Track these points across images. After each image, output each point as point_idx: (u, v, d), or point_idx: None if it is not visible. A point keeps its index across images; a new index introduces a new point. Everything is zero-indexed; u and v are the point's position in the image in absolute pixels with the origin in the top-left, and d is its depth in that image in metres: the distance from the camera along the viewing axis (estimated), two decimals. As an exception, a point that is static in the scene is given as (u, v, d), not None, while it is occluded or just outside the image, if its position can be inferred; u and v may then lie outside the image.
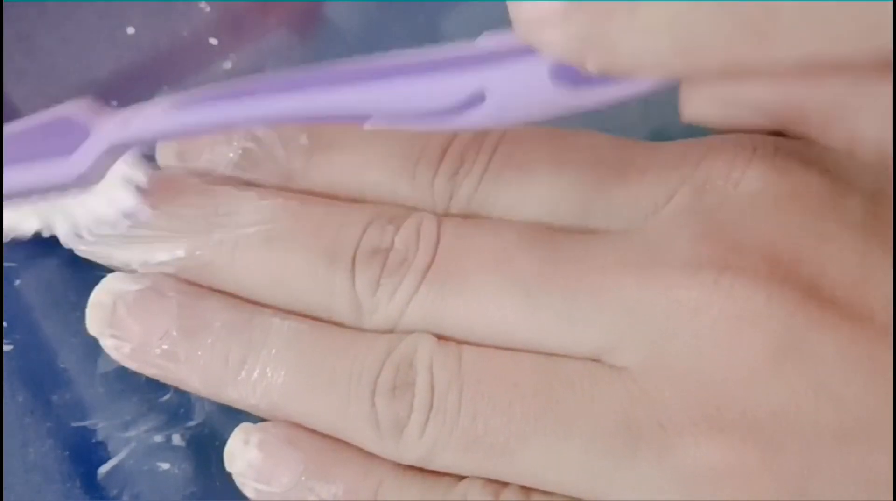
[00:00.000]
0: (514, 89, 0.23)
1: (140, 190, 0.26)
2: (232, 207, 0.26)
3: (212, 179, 0.28)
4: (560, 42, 0.20)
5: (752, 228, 0.25)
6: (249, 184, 0.27)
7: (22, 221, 0.27)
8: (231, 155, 0.27)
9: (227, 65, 0.32)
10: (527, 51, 0.22)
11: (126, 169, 0.26)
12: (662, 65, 0.20)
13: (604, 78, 0.21)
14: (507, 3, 0.21)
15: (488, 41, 0.23)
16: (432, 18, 0.33)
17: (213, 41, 0.32)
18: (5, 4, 0.32)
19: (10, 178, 0.25)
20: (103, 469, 0.27)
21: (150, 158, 0.28)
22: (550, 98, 0.22)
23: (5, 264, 0.29)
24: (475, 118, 0.23)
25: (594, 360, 0.25)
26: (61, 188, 0.25)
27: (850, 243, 0.24)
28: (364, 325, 0.26)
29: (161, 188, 0.27)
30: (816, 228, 0.24)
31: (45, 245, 0.27)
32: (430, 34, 0.32)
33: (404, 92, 0.23)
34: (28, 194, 0.26)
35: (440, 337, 0.25)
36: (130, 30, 0.32)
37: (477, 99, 0.23)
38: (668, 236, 0.25)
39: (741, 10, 0.18)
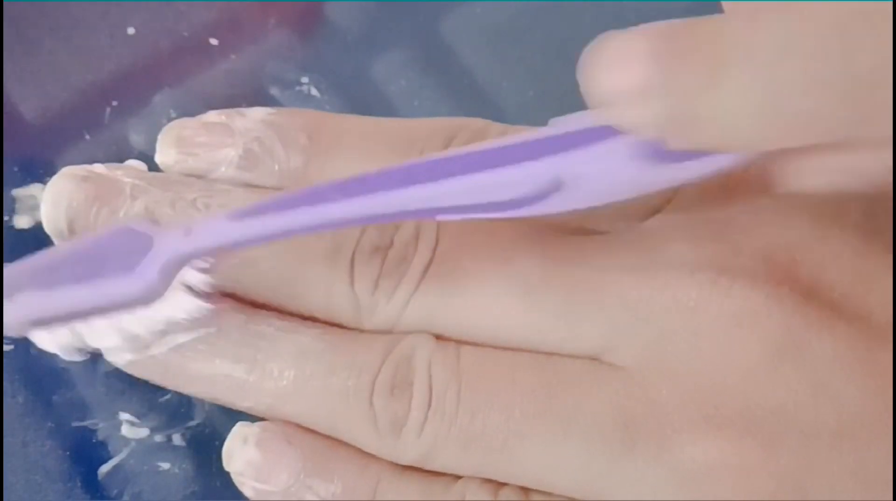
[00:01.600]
0: (591, 173, 0.22)
1: (199, 295, 0.25)
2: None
3: (213, 179, 0.28)
4: (642, 120, 0.20)
5: (751, 229, 0.25)
6: (249, 184, 0.27)
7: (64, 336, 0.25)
8: (232, 154, 0.27)
9: (227, 65, 0.32)
10: (601, 132, 0.21)
11: (186, 275, 0.25)
12: (752, 142, 0.20)
13: (686, 155, 0.21)
14: (581, 77, 0.21)
15: (560, 124, 0.23)
16: (432, 18, 0.33)
17: (213, 41, 0.32)
18: (5, 4, 0.32)
19: (70, 297, 0.24)
20: (103, 469, 0.27)
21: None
22: (629, 178, 0.22)
23: (5, 264, 0.29)
24: (552, 205, 0.23)
25: (593, 359, 0.25)
26: (123, 305, 0.24)
27: (848, 244, 0.24)
28: (363, 325, 0.26)
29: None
30: (816, 229, 0.24)
31: (44, 245, 0.27)
32: (430, 34, 0.32)
33: (476, 186, 0.23)
34: (89, 313, 0.25)
35: (439, 336, 0.25)
36: (130, 30, 0.32)
37: (553, 187, 0.22)
38: (667, 237, 0.25)
39: (841, 88, 0.18)
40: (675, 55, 0.19)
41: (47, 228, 0.27)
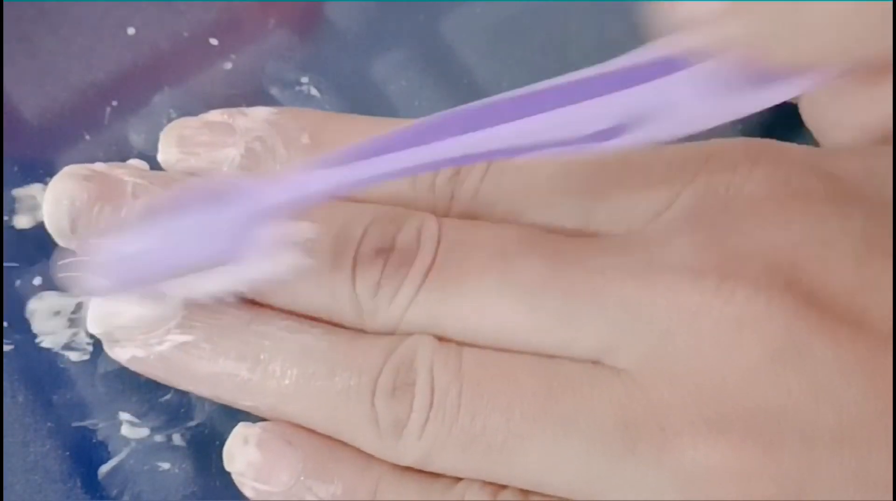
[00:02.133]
0: (662, 105, 0.22)
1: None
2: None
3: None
4: (733, 37, 0.20)
5: (754, 234, 0.25)
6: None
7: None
8: (234, 154, 0.27)
9: (227, 65, 0.32)
10: (676, 62, 0.21)
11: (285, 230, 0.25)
12: (850, 49, 0.20)
13: (755, 83, 0.21)
14: (656, 4, 0.20)
15: (635, 55, 0.22)
16: (432, 18, 0.33)
17: (213, 41, 0.32)
18: (5, 4, 0.32)
19: (165, 260, 0.24)
20: (103, 469, 0.27)
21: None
22: (706, 108, 0.22)
23: (5, 264, 0.29)
24: (631, 139, 0.23)
25: (594, 362, 0.25)
26: (217, 263, 0.24)
27: (850, 248, 0.24)
28: (365, 326, 0.26)
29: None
30: (817, 233, 0.24)
31: (45, 245, 0.27)
32: (430, 34, 0.32)
33: (556, 121, 0.22)
34: (172, 273, 0.24)
35: (441, 338, 0.25)
36: (130, 30, 0.32)
37: (632, 121, 0.22)
38: (669, 241, 0.25)
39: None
40: None
41: (49, 227, 0.27)
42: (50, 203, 0.27)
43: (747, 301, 0.24)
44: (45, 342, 0.28)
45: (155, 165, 0.28)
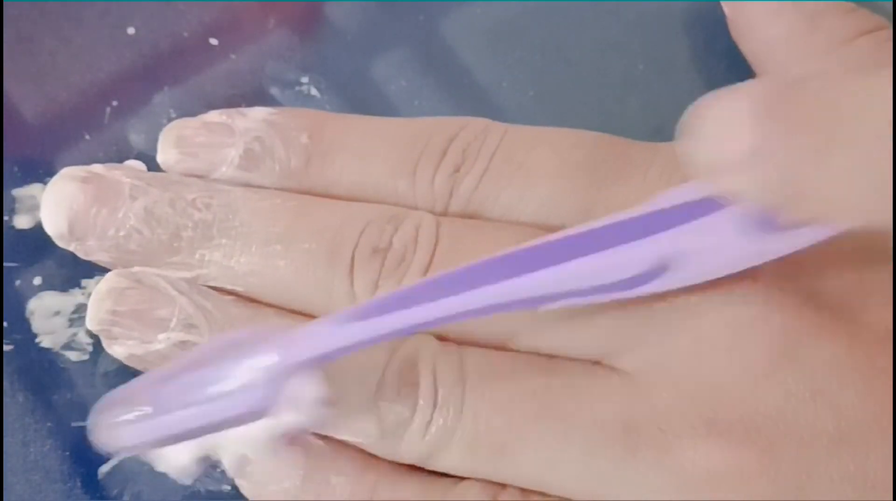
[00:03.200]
0: (700, 249, 0.22)
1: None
2: (231, 209, 0.26)
3: (213, 179, 0.28)
4: (752, 188, 0.20)
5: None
6: (250, 184, 0.27)
7: (180, 456, 0.25)
8: (233, 154, 0.27)
9: (227, 65, 0.32)
10: (707, 205, 0.21)
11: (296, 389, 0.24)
12: (863, 215, 0.19)
13: (793, 224, 0.21)
14: (683, 145, 0.20)
15: (663, 198, 0.22)
16: (432, 18, 0.33)
17: (213, 41, 0.32)
18: (5, 4, 0.32)
19: (183, 420, 0.23)
20: (103, 469, 0.27)
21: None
22: (737, 252, 0.22)
23: (5, 264, 0.29)
24: (661, 285, 0.23)
25: (595, 363, 0.25)
26: (234, 423, 0.24)
27: (849, 248, 0.24)
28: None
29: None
30: None
31: (45, 245, 0.27)
32: (430, 34, 0.32)
33: (583, 271, 0.22)
34: (201, 432, 0.24)
35: (441, 338, 0.25)
36: (130, 30, 0.32)
37: (662, 266, 0.22)
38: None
39: None
40: (784, 122, 0.19)
41: (48, 229, 0.27)
42: (48, 206, 0.27)
43: (746, 303, 0.24)
44: (45, 342, 0.28)
45: (155, 166, 0.28)
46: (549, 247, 0.23)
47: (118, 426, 0.24)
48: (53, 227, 0.27)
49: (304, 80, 0.32)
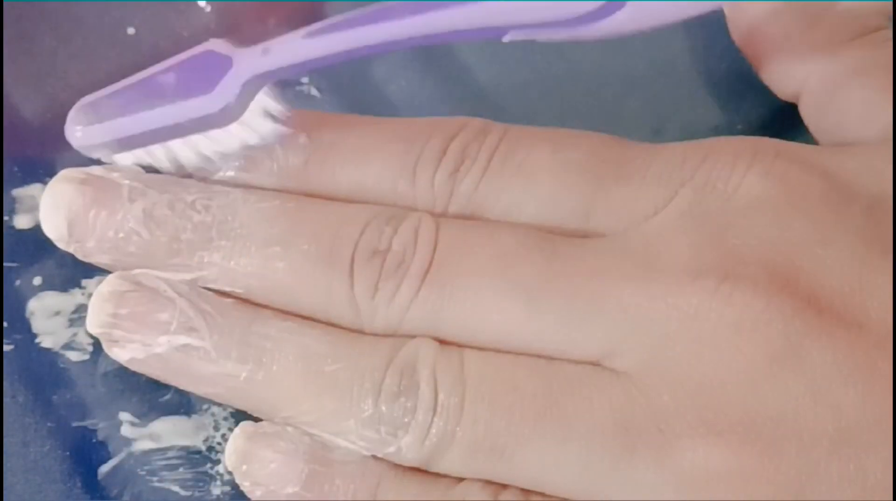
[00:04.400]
0: None
1: (276, 120, 0.26)
2: (230, 211, 0.26)
3: (212, 180, 0.28)
4: None
5: (752, 233, 0.25)
6: (248, 184, 0.27)
7: (143, 157, 0.27)
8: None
9: (227, 65, 0.32)
10: None
11: (264, 100, 0.26)
12: None
13: None
14: None
15: None
16: (432, 18, 0.33)
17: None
18: (5, 4, 0.32)
19: (153, 118, 0.26)
20: (103, 469, 0.27)
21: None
22: None
23: (5, 264, 0.29)
24: (615, 23, 0.22)
25: (594, 364, 0.25)
26: (203, 125, 0.26)
27: (849, 248, 0.24)
28: (364, 328, 0.26)
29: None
30: (816, 233, 0.24)
31: (45, 245, 0.27)
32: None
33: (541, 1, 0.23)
34: (170, 133, 0.26)
35: (441, 340, 0.25)
36: (130, 30, 0.32)
37: (617, 4, 0.22)
38: (667, 241, 0.25)
39: None
40: None
41: (47, 232, 0.27)
42: (47, 208, 0.27)
43: (746, 303, 0.24)
44: (45, 342, 0.28)
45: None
46: None
47: (89, 126, 0.26)
48: (52, 229, 0.27)
49: (304, 80, 0.32)
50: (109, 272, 0.27)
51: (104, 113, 0.26)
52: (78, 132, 0.26)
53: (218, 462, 0.27)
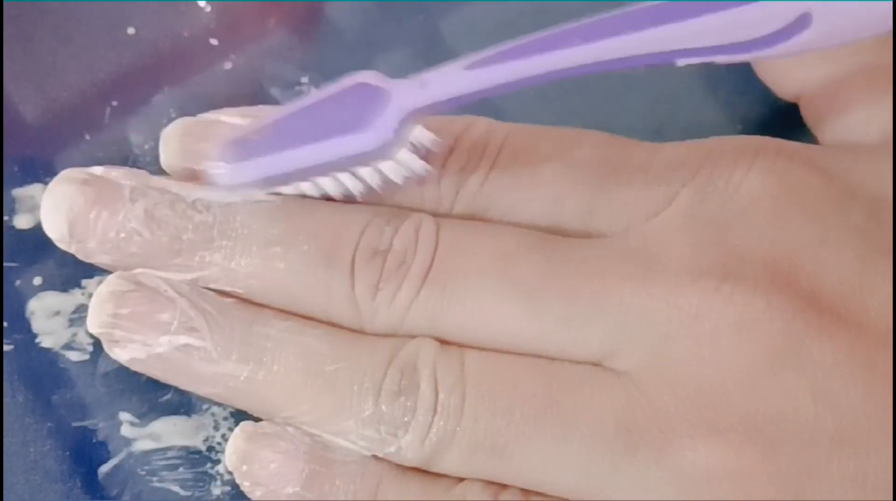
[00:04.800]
0: (842, 5, 0.21)
1: (427, 153, 0.25)
2: (231, 211, 0.26)
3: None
4: None
5: (753, 233, 0.25)
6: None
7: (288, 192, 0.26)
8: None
9: (227, 65, 0.32)
10: None
11: (417, 133, 0.25)
12: None
13: None
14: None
15: None
16: (432, 18, 0.33)
17: (213, 41, 0.32)
18: (5, 4, 0.32)
19: (305, 156, 0.25)
20: (103, 469, 0.27)
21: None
22: (883, 9, 0.21)
23: (5, 264, 0.29)
24: (799, 44, 0.22)
25: (595, 364, 0.25)
26: (359, 162, 0.25)
27: (850, 248, 0.24)
28: (364, 328, 0.26)
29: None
30: (817, 233, 0.25)
31: (45, 245, 0.27)
32: (430, 34, 0.32)
33: (716, 25, 0.22)
34: (322, 170, 0.25)
35: (441, 340, 0.25)
36: (130, 30, 0.32)
37: (801, 24, 0.21)
38: (668, 241, 0.25)
39: None
40: None
41: (48, 232, 0.27)
42: (48, 209, 0.26)
43: (746, 303, 0.24)
44: (45, 342, 0.28)
45: (155, 165, 0.28)
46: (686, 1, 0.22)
47: (235, 163, 0.25)
48: (53, 229, 0.27)
49: (304, 80, 0.32)
50: (110, 272, 0.27)
51: (252, 151, 0.25)
52: (223, 170, 0.26)
53: (218, 461, 0.27)
